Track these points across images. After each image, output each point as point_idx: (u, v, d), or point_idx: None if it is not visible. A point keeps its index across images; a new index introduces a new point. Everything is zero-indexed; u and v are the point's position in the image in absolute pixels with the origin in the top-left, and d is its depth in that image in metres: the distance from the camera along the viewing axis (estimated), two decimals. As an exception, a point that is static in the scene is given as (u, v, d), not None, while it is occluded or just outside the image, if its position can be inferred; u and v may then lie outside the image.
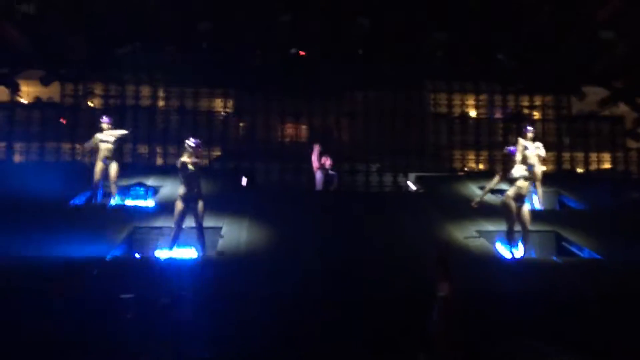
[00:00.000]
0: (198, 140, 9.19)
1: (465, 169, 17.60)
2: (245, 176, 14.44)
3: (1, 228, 9.04)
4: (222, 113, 17.80)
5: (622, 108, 17.29)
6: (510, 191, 9.42)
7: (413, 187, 14.81)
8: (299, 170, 15.90)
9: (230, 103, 18.00)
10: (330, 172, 13.12)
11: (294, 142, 18.34)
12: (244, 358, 6.07)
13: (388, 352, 6.30)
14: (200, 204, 9.06)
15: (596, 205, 12.11)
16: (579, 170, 17.29)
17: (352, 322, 6.80)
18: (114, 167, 11.21)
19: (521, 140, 11.55)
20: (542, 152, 11.60)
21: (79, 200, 11.63)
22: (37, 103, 17.95)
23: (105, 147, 11.20)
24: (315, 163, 13.15)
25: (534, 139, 11.67)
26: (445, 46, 15.49)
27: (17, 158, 16.65)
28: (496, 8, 13.52)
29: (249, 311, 7.09)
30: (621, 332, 6.45)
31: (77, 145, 15.46)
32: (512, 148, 9.74)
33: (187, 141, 9.18)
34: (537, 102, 17.78)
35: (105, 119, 11.48)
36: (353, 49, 15.76)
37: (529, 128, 11.91)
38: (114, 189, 11.29)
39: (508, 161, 9.52)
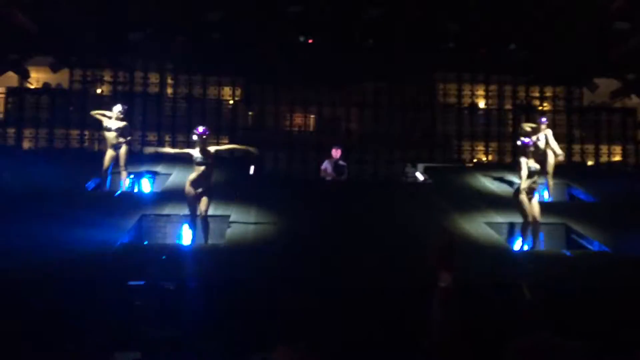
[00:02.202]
0: (202, 129, 9.15)
1: (474, 160, 17.51)
2: (253, 165, 14.43)
3: (8, 216, 9.08)
4: (231, 102, 17.77)
5: (634, 100, 17.11)
6: (523, 184, 9.34)
7: (421, 177, 14.75)
8: (306, 159, 15.87)
9: (238, 92, 17.97)
10: (341, 162, 13.08)
11: (302, 132, 18.30)
12: (245, 346, 6.08)
13: (392, 342, 6.30)
14: (205, 196, 9.03)
15: (606, 197, 12.01)
16: (589, 162, 17.16)
17: (357, 311, 6.79)
18: (123, 152, 11.22)
19: (530, 126, 11.48)
20: (553, 143, 11.53)
21: (88, 186, 11.67)
22: (45, 89, 17.96)
23: (112, 135, 11.20)
24: (328, 170, 12.94)
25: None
26: (456, 36, 15.35)
27: (25, 144, 16.71)
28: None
29: (253, 299, 7.11)
30: (632, 325, 6.41)
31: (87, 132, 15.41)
32: (526, 140, 9.61)
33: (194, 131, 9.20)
34: (548, 94, 17.61)
35: (118, 106, 11.44)
36: (363, 38, 15.65)
37: (543, 119, 11.81)
38: (123, 174, 11.31)
39: (523, 152, 9.38)
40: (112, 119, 11.27)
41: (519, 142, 9.75)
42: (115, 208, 10.12)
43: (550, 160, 11.49)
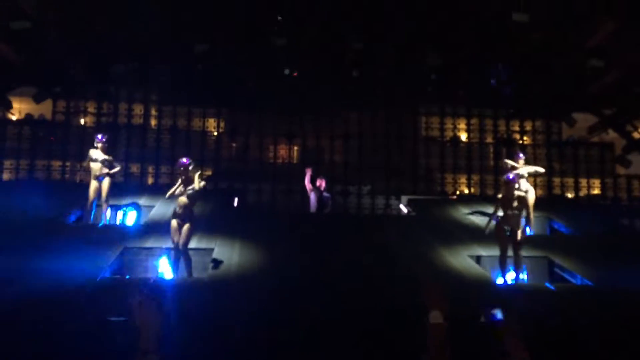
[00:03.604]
0: (182, 161, 9.14)
1: (457, 192, 17.66)
2: (237, 197, 14.39)
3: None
4: (215, 133, 17.79)
5: (612, 134, 17.50)
6: (503, 217, 9.44)
7: (405, 209, 14.82)
8: (291, 191, 15.89)
9: (222, 123, 18.01)
10: (325, 194, 13.12)
11: (286, 163, 18.34)
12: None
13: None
14: (186, 226, 8.96)
15: (587, 230, 12.18)
16: (569, 195, 17.41)
17: (341, 346, 6.72)
18: (106, 184, 11.14)
19: (513, 164, 11.65)
20: (532, 169, 11.78)
21: (69, 219, 11.52)
22: (27, 120, 17.84)
23: (97, 167, 11.14)
24: (308, 186, 13.16)
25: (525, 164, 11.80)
26: (439, 70, 15.66)
27: (5, 176, 16.49)
28: (488, 34, 13.71)
29: (238, 333, 7.00)
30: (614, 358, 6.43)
31: (79, 165, 15.28)
32: (510, 176, 9.73)
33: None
34: (528, 128, 17.95)
35: (99, 137, 11.42)
36: (347, 71, 15.88)
37: (521, 155, 12.02)
38: (104, 206, 11.22)
39: (507, 189, 9.50)
40: (97, 150, 11.24)
41: (503, 178, 9.85)
42: (97, 241, 9.98)
43: (531, 195, 11.66)
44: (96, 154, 11.21)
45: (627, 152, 16.85)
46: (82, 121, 17.32)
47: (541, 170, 12.38)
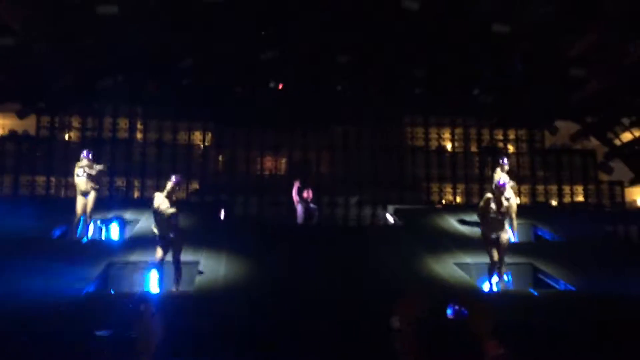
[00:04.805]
0: (177, 178, 9.18)
1: (443, 201, 17.78)
2: (224, 209, 14.38)
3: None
4: (201, 146, 17.80)
5: (594, 142, 17.75)
6: (489, 223, 9.51)
7: (391, 219, 14.89)
8: (278, 203, 15.89)
9: (209, 136, 18.03)
10: (312, 205, 13.15)
11: (273, 175, 18.37)
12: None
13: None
14: (177, 243, 8.98)
15: (570, 237, 12.31)
16: (553, 202, 17.59)
17: (327, 357, 6.74)
18: (91, 199, 11.11)
19: (499, 171, 11.74)
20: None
21: (54, 234, 11.44)
22: (11, 136, 17.73)
23: (82, 182, 11.10)
24: (295, 197, 13.19)
25: (508, 172, 11.89)
26: (423, 81, 15.84)
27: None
28: (472, 45, 13.89)
29: (225, 346, 6.99)
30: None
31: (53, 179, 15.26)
32: (501, 182, 9.81)
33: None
34: (511, 136, 18.16)
35: (85, 153, 11.39)
36: (333, 84, 16.02)
37: (505, 160, 12.13)
38: (88, 220, 11.17)
39: (498, 194, 9.53)
40: (84, 167, 11.20)
41: (494, 184, 9.90)
42: (82, 256, 9.92)
43: (513, 202, 11.74)
44: (82, 170, 11.18)
45: (609, 159, 17.09)
46: (66, 136, 17.25)
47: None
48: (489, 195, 9.54)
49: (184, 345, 6.94)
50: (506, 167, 11.89)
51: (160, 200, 8.92)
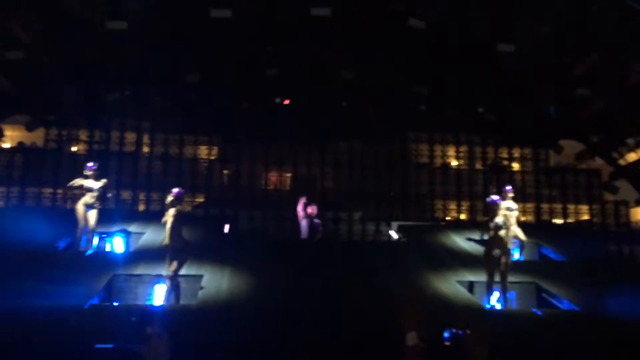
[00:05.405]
0: (177, 190, 9.26)
1: (447, 218, 17.77)
2: (228, 223, 14.42)
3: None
4: (207, 160, 17.90)
5: (598, 161, 17.74)
6: (490, 241, 9.54)
7: (395, 235, 14.89)
8: (282, 218, 15.94)
9: (214, 150, 18.14)
10: (316, 220, 13.19)
11: (277, 190, 18.43)
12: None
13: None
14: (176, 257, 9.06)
15: (575, 256, 12.27)
16: (558, 221, 17.54)
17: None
18: (93, 215, 11.15)
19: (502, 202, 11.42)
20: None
21: (59, 246, 11.50)
22: (19, 148, 17.88)
23: (90, 195, 11.18)
24: (300, 213, 13.23)
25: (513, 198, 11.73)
26: (427, 99, 15.93)
27: (-3, 203, 16.49)
28: (477, 63, 13.99)
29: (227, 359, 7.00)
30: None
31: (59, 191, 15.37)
32: (495, 197, 9.85)
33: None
34: (516, 155, 18.19)
35: (90, 165, 11.47)
36: (337, 101, 16.13)
37: (508, 188, 11.76)
38: (91, 233, 11.23)
39: (491, 210, 9.63)
40: (89, 179, 11.27)
41: (488, 200, 9.96)
42: (86, 268, 9.96)
43: (516, 229, 11.59)
44: (90, 183, 11.26)
45: (614, 178, 17.07)
46: (73, 149, 17.40)
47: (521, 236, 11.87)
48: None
49: (187, 358, 6.96)
50: (510, 195, 11.60)
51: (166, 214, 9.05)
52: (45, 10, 11.82)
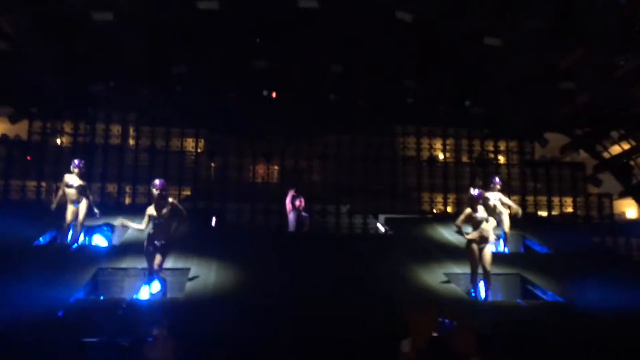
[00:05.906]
0: (159, 182, 9.14)
1: (434, 211, 17.87)
2: (215, 216, 14.39)
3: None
4: (193, 153, 17.80)
5: (583, 155, 17.92)
6: (473, 234, 9.63)
7: (382, 228, 14.95)
8: (269, 211, 15.93)
9: (201, 143, 18.03)
10: (303, 213, 13.20)
11: (265, 183, 18.39)
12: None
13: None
14: (163, 249, 8.99)
15: (559, 248, 12.41)
16: (543, 213, 17.72)
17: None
18: (83, 207, 11.10)
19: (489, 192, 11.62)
20: (506, 200, 11.96)
21: (43, 240, 11.40)
22: (2, 140, 17.64)
23: (73, 192, 11.11)
24: (288, 206, 13.23)
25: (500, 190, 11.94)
26: (415, 92, 15.97)
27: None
28: (463, 57, 14.03)
29: (215, 354, 7.01)
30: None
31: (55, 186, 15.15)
32: (476, 191, 9.96)
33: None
34: (502, 147, 18.31)
35: (76, 162, 11.38)
36: (325, 93, 16.11)
37: (496, 179, 12.12)
38: (79, 228, 11.15)
39: (472, 203, 9.74)
40: (73, 175, 11.19)
41: (470, 193, 10.07)
42: (71, 262, 9.90)
43: (505, 218, 11.84)
44: (72, 179, 11.18)
45: (598, 171, 17.27)
46: (58, 141, 17.20)
47: (515, 207, 12.36)
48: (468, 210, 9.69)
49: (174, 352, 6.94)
50: (497, 187, 11.86)
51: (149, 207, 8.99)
52: (29, 1, 11.64)
